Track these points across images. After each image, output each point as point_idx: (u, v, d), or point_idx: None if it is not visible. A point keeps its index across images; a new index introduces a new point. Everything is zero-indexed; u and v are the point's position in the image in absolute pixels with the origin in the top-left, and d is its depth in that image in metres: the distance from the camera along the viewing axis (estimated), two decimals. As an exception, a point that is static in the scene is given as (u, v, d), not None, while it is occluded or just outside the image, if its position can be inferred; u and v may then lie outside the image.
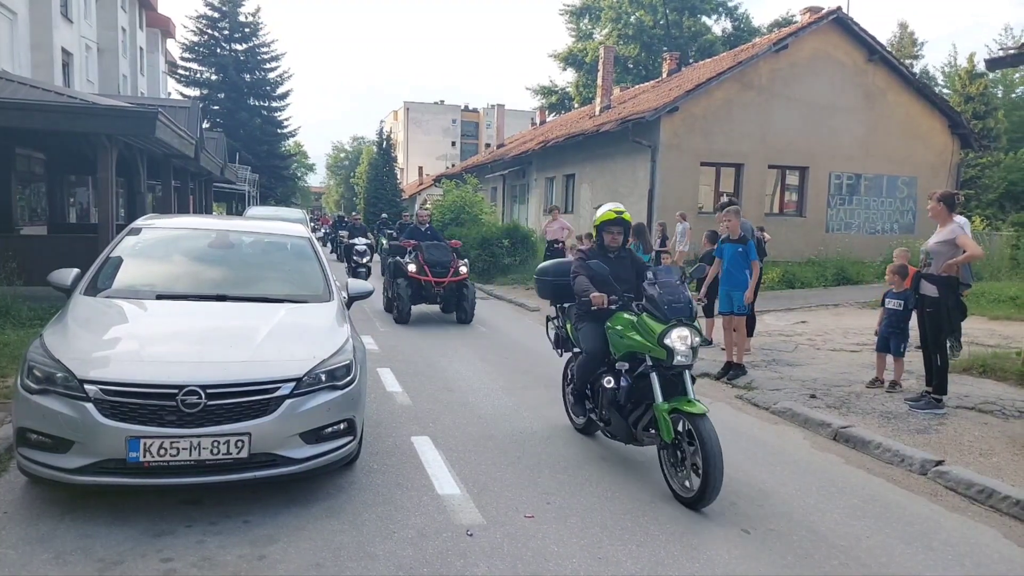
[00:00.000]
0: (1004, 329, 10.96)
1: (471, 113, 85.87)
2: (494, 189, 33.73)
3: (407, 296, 11.67)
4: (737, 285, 8.10)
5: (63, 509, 4.11)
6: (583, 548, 3.97)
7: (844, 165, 20.78)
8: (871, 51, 20.42)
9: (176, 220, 6.91)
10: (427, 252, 11.90)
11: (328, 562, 3.70)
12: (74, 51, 28.36)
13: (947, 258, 6.40)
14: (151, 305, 4.98)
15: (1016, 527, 4.50)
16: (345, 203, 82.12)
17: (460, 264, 12.05)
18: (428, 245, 12.13)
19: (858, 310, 13.66)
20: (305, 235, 6.42)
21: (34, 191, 20.20)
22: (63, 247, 12.22)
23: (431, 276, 11.69)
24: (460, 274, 11.91)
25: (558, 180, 25.94)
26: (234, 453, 3.96)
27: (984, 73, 36.10)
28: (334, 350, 4.56)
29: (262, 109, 51.84)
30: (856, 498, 4.86)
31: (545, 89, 53.55)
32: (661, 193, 19.03)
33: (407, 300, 11.67)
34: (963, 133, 21.83)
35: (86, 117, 10.64)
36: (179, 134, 13.37)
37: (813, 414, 6.67)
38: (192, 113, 22.40)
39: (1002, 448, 5.74)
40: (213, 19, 49.50)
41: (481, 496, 4.65)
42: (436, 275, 11.74)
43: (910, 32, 45.42)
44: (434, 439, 5.77)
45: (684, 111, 19.14)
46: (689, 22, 46.59)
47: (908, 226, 21.36)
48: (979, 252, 6.63)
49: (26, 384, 4.04)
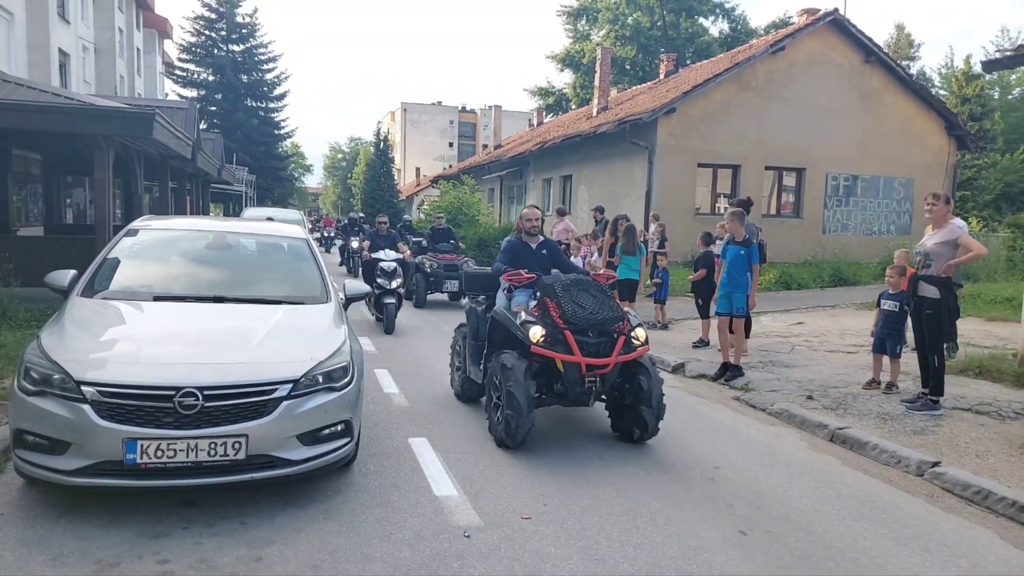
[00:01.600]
0: (1000, 330, 10.98)
1: (468, 114, 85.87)
2: (491, 190, 33.75)
3: (527, 403, 5.38)
4: (738, 287, 8.11)
5: (60, 511, 4.10)
6: (580, 549, 3.97)
7: (841, 166, 20.83)
8: (868, 52, 20.47)
9: (173, 221, 6.91)
10: (565, 297, 5.74)
11: (325, 564, 3.70)
12: (71, 52, 28.31)
13: (947, 259, 6.41)
14: (148, 306, 4.98)
15: (1012, 528, 4.51)
16: (342, 204, 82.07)
17: (631, 324, 5.86)
18: (566, 284, 5.88)
19: (855, 311, 13.69)
20: (302, 236, 6.42)
21: (31, 192, 20.16)
22: (60, 248, 12.18)
23: (580, 353, 5.52)
24: (634, 345, 5.77)
25: (555, 181, 25.95)
26: (231, 455, 3.96)
27: (980, 75, 36.16)
28: (331, 351, 4.56)
29: (259, 110, 51.80)
30: (853, 499, 4.87)
31: (542, 90, 53.58)
32: (658, 194, 19.04)
33: (526, 409, 5.38)
34: (960, 134, 21.90)
35: (83, 118, 10.62)
36: (176, 135, 13.34)
37: (810, 415, 6.68)
38: (189, 114, 22.35)
39: (998, 449, 5.76)
40: (210, 20, 49.47)
41: (478, 497, 4.65)
42: (591, 351, 5.60)
43: (907, 33, 45.51)
44: (431, 440, 5.77)
45: (681, 112, 19.17)
46: (686, 23, 46.64)
47: (905, 227, 21.40)
48: (984, 251, 6.67)
49: (23, 386, 4.03)
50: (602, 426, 6.28)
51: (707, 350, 9.81)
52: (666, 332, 11.43)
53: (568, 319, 5.57)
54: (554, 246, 7.02)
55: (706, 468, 5.41)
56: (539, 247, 6.82)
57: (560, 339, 5.53)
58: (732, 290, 8.14)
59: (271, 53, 51.68)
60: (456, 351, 7.28)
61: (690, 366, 8.93)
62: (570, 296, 5.74)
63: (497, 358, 5.72)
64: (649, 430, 5.77)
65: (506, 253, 6.71)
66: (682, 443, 6.01)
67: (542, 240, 6.91)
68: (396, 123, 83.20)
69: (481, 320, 6.57)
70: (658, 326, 11.64)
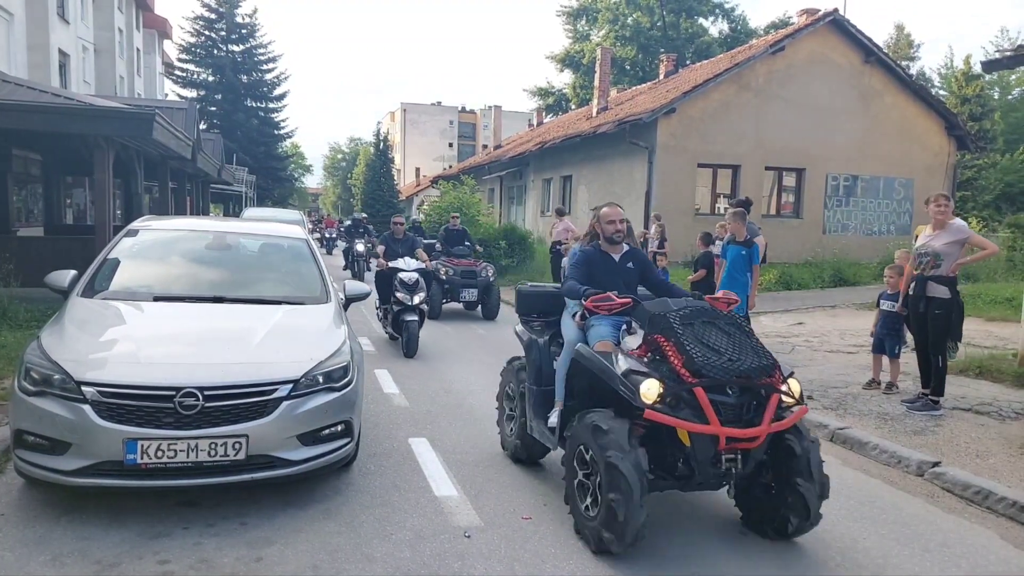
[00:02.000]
0: (1000, 330, 10.98)
1: (468, 114, 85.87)
2: (491, 190, 33.74)
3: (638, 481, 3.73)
4: (738, 287, 8.11)
5: (60, 511, 4.10)
6: (580, 550, 3.97)
7: (841, 167, 20.83)
8: (868, 53, 20.47)
9: (173, 221, 6.91)
10: (688, 335, 4.04)
11: (325, 564, 3.70)
12: (71, 52, 28.31)
13: (955, 258, 6.46)
14: (148, 307, 4.98)
15: (1013, 528, 4.51)
16: (342, 204, 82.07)
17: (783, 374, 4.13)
18: (686, 316, 4.17)
19: (855, 311, 13.68)
20: (302, 236, 6.42)
21: (31, 192, 20.18)
22: (60, 248, 12.18)
23: (718, 420, 3.80)
24: (789, 406, 4.11)
25: (555, 181, 25.95)
26: (232, 455, 3.96)
27: (980, 75, 36.19)
28: (331, 352, 4.56)
29: (259, 110, 51.78)
30: (853, 499, 4.87)
31: (542, 90, 53.59)
32: (658, 194, 19.04)
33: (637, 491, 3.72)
34: (959, 135, 21.90)
35: (83, 118, 10.62)
36: (176, 135, 13.34)
37: (810, 415, 6.67)
38: (189, 114, 22.36)
39: (999, 449, 5.76)
40: (210, 20, 49.45)
41: (478, 498, 4.65)
42: (731, 416, 3.89)
43: (906, 34, 45.59)
44: (431, 441, 5.77)
45: (681, 113, 19.17)
46: (686, 24, 46.65)
47: (904, 227, 21.39)
48: (996, 248, 6.75)
49: (23, 386, 4.04)
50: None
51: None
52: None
53: (697, 369, 3.78)
54: (643, 257, 5.07)
55: (706, 468, 5.40)
56: (624, 258, 4.91)
57: (686, 399, 3.76)
58: (731, 290, 8.13)
59: (271, 53, 51.69)
60: (508, 395, 5.53)
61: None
62: (694, 333, 3.97)
63: (583, 419, 4.03)
64: (811, 515, 3.98)
65: (579, 267, 4.84)
66: (682, 443, 6.00)
67: (628, 250, 4.97)
68: (396, 123, 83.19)
69: (545, 355, 4.99)
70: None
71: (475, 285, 12.60)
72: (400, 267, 9.81)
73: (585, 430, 3.97)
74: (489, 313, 12.92)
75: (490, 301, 12.84)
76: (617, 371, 4.00)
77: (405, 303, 9.42)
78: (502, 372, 5.66)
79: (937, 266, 6.55)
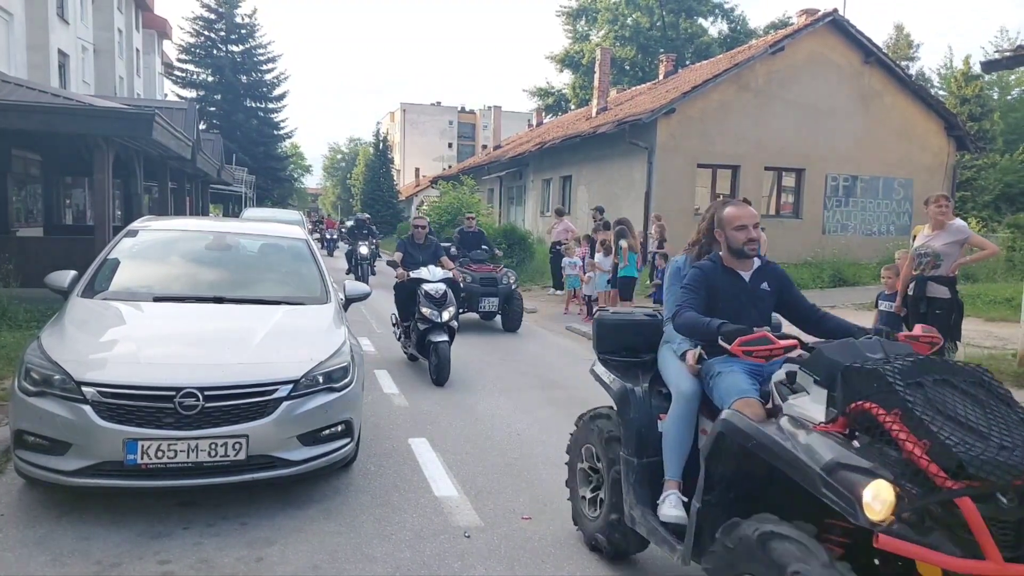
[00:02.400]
0: (1000, 331, 10.99)
1: (468, 115, 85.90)
2: (491, 191, 33.74)
3: None
4: None
5: (61, 511, 4.10)
6: (580, 550, 3.97)
7: (840, 167, 20.84)
8: (867, 53, 20.48)
9: (173, 222, 6.93)
10: (929, 408, 2.31)
11: (325, 564, 3.70)
12: (70, 52, 28.31)
13: (955, 258, 6.48)
14: (148, 307, 4.98)
15: (1011, 528, 4.51)
16: (342, 205, 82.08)
17: None
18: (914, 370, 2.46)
19: (854, 311, 13.68)
20: (302, 237, 6.43)
21: (30, 193, 20.18)
22: (60, 249, 12.17)
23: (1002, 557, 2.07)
24: None
25: (555, 182, 25.96)
26: (232, 455, 3.97)
27: (980, 75, 36.20)
28: (331, 352, 4.57)
29: (259, 110, 51.78)
30: (852, 499, 4.86)
31: (542, 91, 53.57)
32: (658, 195, 19.04)
33: None
34: (959, 135, 21.90)
35: (83, 119, 10.62)
36: (176, 136, 13.34)
37: (810, 415, 6.66)
38: (189, 115, 22.36)
39: (998, 449, 5.75)
40: (209, 20, 49.44)
41: (478, 498, 4.65)
42: (1011, 541, 2.16)
43: (906, 34, 45.61)
44: (431, 441, 5.78)
45: (681, 113, 19.17)
46: (686, 24, 46.66)
47: (904, 228, 21.38)
48: (996, 249, 6.77)
49: (23, 386, 4.04)
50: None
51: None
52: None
53: (957, 464, 2.14)
54: (781, 274, 3.60)
55: (706, 468, 5.40)
56: (756, 277, 3.52)
57: (939, 515, 2.18)
58: None
59: (270, 53, 51.67)
60: (588, 471, 4.08)
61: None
62: (929, 401, 2.34)
63: (742, 529, 2.51)
64: None
65: (695, 290, 3.43)
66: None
67: (760, 265, 3.57)
68: (395, 123, 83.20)
69: (643, 411, 3.58)
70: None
71: (495, 294, 11.50)
72: (424, 277, 8.33)
73: (751, 546, 2.43)
74: (511, 324, 11.71)
75: (511, 310, 11.66)
76: (813, 466, 2.38)
77: (433, 320, 7.94)
78: (574, 433, 4.21)
79: (937, 266, 6.56)
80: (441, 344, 7.86)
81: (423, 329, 8.02)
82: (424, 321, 8.01)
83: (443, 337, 7.92)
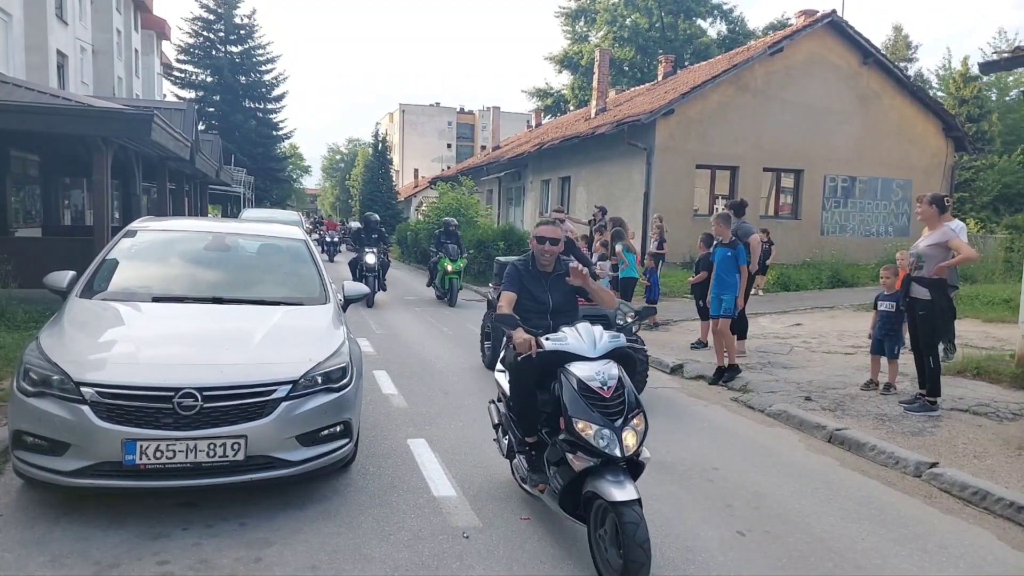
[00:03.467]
0: (998, 331, 11.00)
1: (467, 115, 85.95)
2: (490, 191, 33.76)
3: None
4: (726, 288, 8.16)
5: (59, 512, 4.10)
6: (579, 550, 3.97)
7: (839, 168, 20.87)
8: (866, 54, 20.52)
9: (172, 222, 6.91)
10: None
11: (324, 564, 3.70)
12: (69, 53, 28.30)
13: (938, 261, 6.45)
14: (147, 308, 4.98)
15: (1010, 529, 4.52)
16: (341, 205, 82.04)
17: None
18: None
19: (853, 312, 13.70)
20: (301, 237, 6.43)
21: (29, 193, 20.17)
22: (58, 249, 12.16)
23: None
24: None
25: (554, 182, 25.97)
26: (231, 455, 3.96)
27: (978, 76, 36.26)
28: (330, 352, 4.57)
29: (257, 111, 51.80)
30: (851, 500, 4.88)
31: (541, 91, 53.58)
32: (656, 196, 19.06)
33: None
34: (957, 136, 21.95)
35: (81, 119, 10.62)
36: (175, 136, 13.34)
37: (808, 416, 6.69)
38: (187, 115, 22.34)
39: (996, 450, 5.77)
40: (208, 21, 49.47)
41: (477, 498, 4.65)
42: None
43: (904, 35, 45.69)
44: (430, 441, 5.77)
45: (679, 114, 19.19)
46: (684, 25, 46.70)
47: (903, 228, 21.43)
48: (973, 255, 6.68)
49: (22, 387, 4.03)
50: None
51: (706, 351, 9.81)
52: (666, 333, 11.44)
53: None
54: None
55: (704, 469, 5.41)
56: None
57: None
58: (720, 292, 8.18)
59: (269, 54, 51.74)
60: None
61: (688, 367, 8.94)
62: None
63: None
64: None
65: None
66: (680, 444, 6.01)
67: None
68: (394, 124, 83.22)
69: None
70: (654, 327, 11.67)
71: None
72: (572, 350, 3.92)
73: None
74: None
75: None
76: None
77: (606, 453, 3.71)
78: None
79: (920, 267, 6.56)
80: (629, 521, 3.41)
81: (580, 471, 3.67)
82: (580, 447, 3.65)
83: (630, 495, 3.50)
